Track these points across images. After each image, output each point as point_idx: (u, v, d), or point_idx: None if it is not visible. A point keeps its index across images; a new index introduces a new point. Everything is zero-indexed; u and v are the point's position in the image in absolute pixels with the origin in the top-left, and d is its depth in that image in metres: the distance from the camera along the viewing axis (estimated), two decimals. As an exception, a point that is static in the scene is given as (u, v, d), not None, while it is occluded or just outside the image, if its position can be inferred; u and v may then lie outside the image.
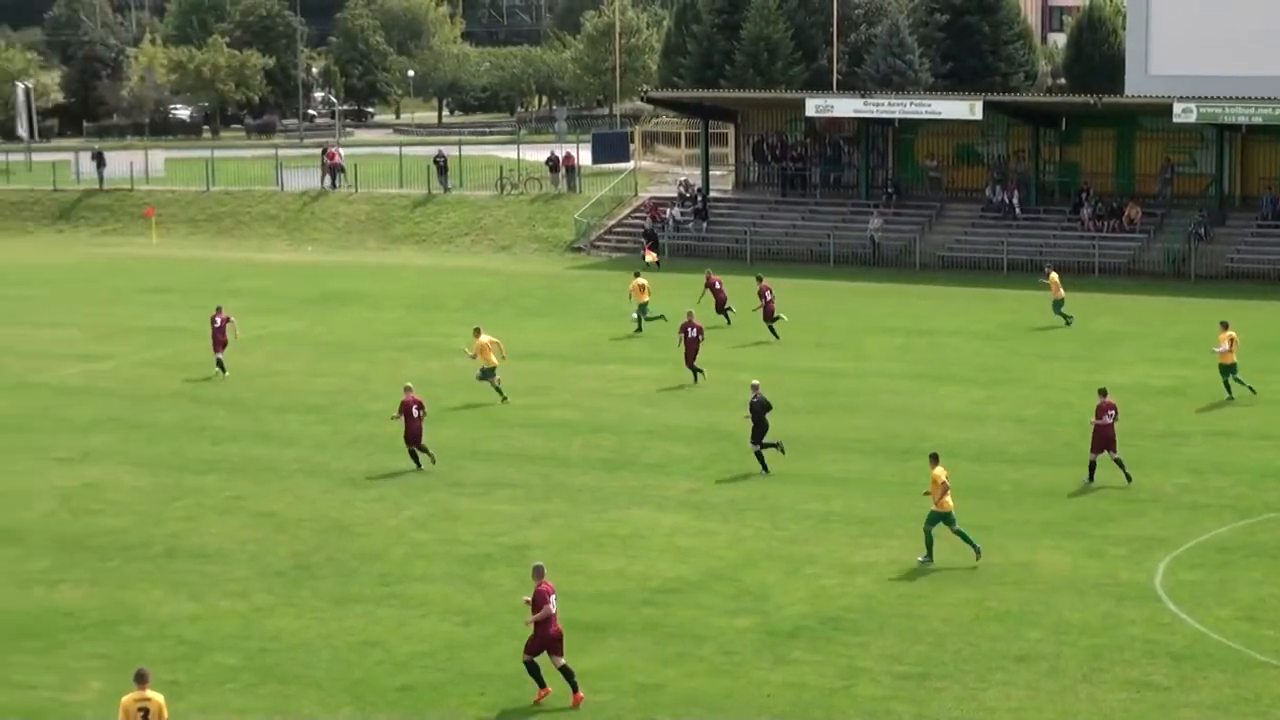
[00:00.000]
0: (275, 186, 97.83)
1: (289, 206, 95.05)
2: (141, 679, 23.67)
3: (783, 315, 60.69)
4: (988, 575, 33.82)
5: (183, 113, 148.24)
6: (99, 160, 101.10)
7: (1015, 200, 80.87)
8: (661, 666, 29.25)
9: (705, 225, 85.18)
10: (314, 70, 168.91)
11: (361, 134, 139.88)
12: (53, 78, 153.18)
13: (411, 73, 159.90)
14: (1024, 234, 79.26)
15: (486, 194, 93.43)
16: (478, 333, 50.64)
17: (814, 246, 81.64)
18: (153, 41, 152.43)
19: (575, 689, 27.59)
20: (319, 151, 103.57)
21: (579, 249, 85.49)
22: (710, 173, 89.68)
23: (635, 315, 61.72)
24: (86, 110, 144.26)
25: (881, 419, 47.83)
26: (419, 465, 42.52)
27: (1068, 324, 62.04)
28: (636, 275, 63.58)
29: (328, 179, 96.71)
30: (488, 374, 49.72)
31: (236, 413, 49.55)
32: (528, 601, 27.85)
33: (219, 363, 54.48)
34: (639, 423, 47.43)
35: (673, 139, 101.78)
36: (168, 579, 34.16)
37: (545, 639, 27.55)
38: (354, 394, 51.78)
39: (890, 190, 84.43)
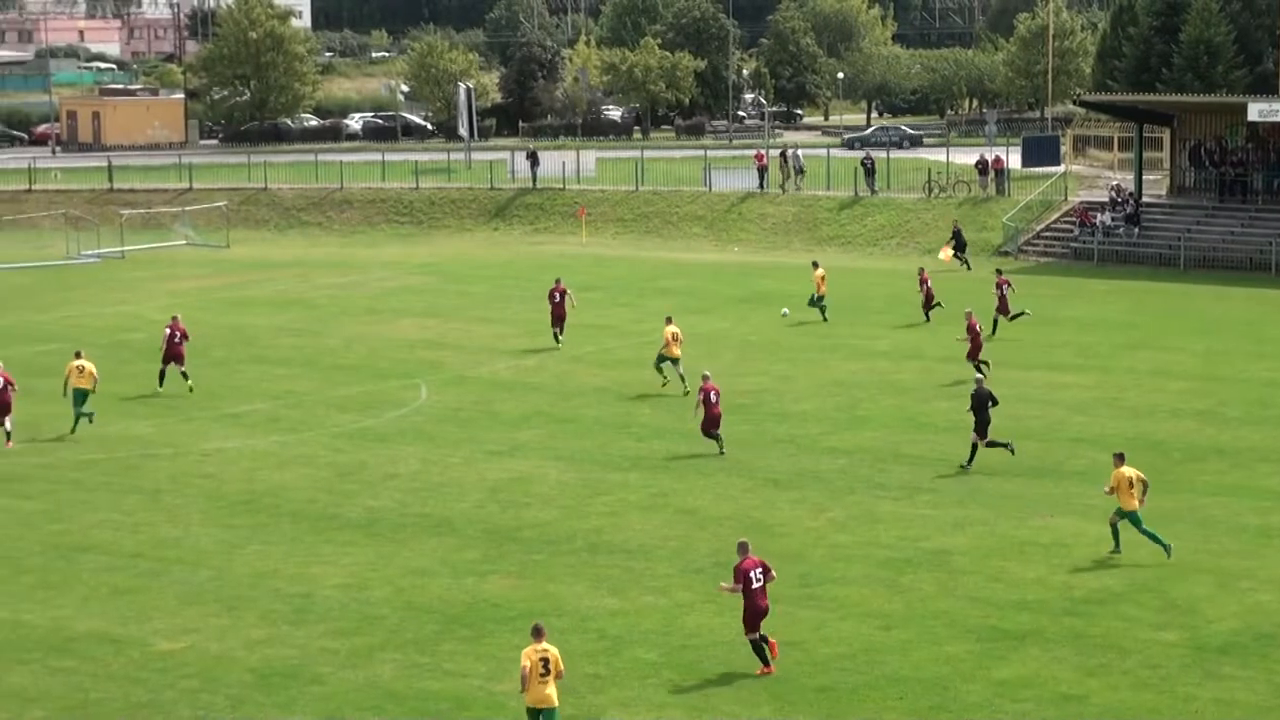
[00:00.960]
0: (703, 187, 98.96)
1: (716, 207, 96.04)
2: (538, 633, 25.28)
3: (1027, 311, 62.11)
4: None
5: (614, 113, 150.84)
6: (533, 160, 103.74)
7: None
8: (1084, 677, 28.63)
9: (1137, 231, 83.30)
10: (744, 72, 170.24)
11: (789, 136, 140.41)
12: (492, 78, 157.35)
13: (841, 75, 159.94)
14: None
15: (914, 197, 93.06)
16: (669, 321, 52.09)
17: (1254, 254, 79.17)
18: (587, 43, 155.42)
19: (765, 662, 28.68)
20: (752, 154, 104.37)
21: (1006, 253, 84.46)
22: (1143, 177, 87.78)
23: (815, 305, 64.42)
24: (522, 110, 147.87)
25: (1323, 432, 46.10)
26: (722, 450, 43.67)
27: None
28: (816, 266, 65.95)
29: (786, 178, 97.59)
30: (670, 362, 51.05)
31: (660, 410, 50.13)
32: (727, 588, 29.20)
33: (556, 336, 59.02)
34: (1066, 430, 46.52)
35: (1104, 143, 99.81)
36: (591, 573, 34.69)
37: (755, 613, 28.56)
38: (778, 394, 51.96)
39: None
